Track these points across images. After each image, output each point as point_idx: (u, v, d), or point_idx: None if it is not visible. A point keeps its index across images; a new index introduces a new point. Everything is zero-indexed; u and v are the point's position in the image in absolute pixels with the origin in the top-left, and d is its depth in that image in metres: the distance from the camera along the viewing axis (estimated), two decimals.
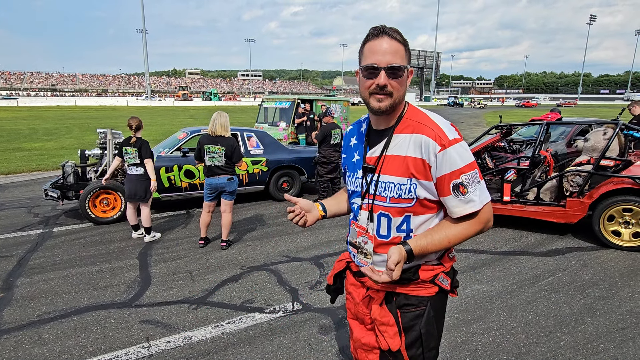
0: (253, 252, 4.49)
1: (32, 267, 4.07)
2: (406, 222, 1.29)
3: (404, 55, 1.24)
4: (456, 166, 1.20)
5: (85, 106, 45.41)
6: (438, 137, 1.21)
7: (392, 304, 1.35)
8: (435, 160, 1.21)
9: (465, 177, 1.21)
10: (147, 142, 4.73)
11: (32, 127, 20.24)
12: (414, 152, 1.23)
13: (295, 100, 11.25)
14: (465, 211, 1.23)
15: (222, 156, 4.38)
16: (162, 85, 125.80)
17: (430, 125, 1.24)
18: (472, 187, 1.22)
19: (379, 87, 1.22)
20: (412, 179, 1.24)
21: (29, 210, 6.26)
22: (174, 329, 2.92)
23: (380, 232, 1.33)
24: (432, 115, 1.28)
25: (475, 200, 1.23)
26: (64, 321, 3.04)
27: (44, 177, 8.96)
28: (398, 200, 1.27)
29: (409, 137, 1.25)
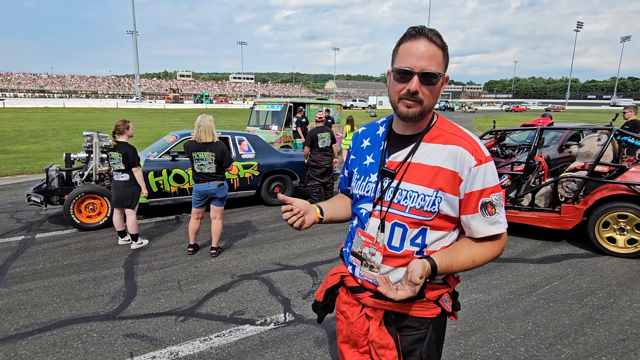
0: (244, 260, 4.36)
1: (11, 277, 3.88)
2: (422, 236, 1.20)
3: (441, 62, 1.15)
4: (488, 184, 1.16)
5: (74, 108, 44.71)
6: (475, 151, 1.16)
7: (392, 326, 1.24)
8: (468, 175, 1.15)
9: (495, 197, 1.17)
10: (133, 149, 4.55)
11: (18, 129, 19.80)
12: (447, 163, 1.16)
13: (288, 104, 11.15)
14: (490, 232, 1.18)
15: (212, 162, 4.24)
16: (152, 87, 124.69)
17: (466, 138, 1.19)
18: (499, 208, 1.18)
19: (410, 93, 1.14)
20: (438, 191, 1.16)
21: (12, 215, 6.05)
22: (159, 344, 2.78)
23: (392, 244, 1.22)
24: (464, 129, 1.23)
25: (502, 222, 1.20)
26: (42, 335, 2.88)
27: (29, 180, 8.71)
28: (419, 212, 1.18)
29: (443, 148, 1.18)
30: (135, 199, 4.63)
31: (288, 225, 1.34)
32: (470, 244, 1.21)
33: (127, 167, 4.53)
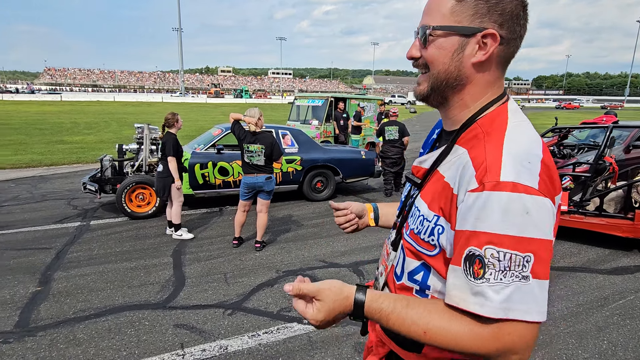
0: (288, 255, 4.31)
1: (69, 261, 4.05)
2: (423, 273, 0.84)
3: (446, 11, 0.77)
4: (485, 227, 0.67)
5: (123, 102, 47.10)
6: (484, 167, 0.71)
7: None
8: (464, 200, 0.72)
9: (494, 252, 0.67)
10: (172, 139, 4.57)
11: (74, 121, 21.06)
12: (450, 175, 0.79)
13: (329, 98, 11.03)
14: (464, 304, 0.69)
15: (262, 155, 4.22)
16: (195, 82, 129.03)
17: (490, 143, 0.74)
18: (499, 275, 0.66)
19: (412, 63, 0.86)
20: (439, 217, 0.78)
21: (69, 202, 6.37)
22: (209, 337, 2.77)
23: (396, 269, 0.92)
24: (513, 131, 0.76)
25: (491, 298, 0.66)
26: (98, 320, 2.96)
27: (84, 169, 9.18)
28: (416, 238, 0.84)
29: (461, 152, 0.80)
30: (167, 190, 4.65)
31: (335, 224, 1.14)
32: (442, 308, 0.74)
33: (164, 156, 4.59)
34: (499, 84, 0.83)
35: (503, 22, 0.76)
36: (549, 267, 0.69)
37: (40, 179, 8.09)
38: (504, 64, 0.82)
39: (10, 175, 8.26)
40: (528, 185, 0.68)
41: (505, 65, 0.82)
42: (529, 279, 0.66)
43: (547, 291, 0.68)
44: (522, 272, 0.66)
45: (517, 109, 0.82)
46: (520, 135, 0.75)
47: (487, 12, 0.76)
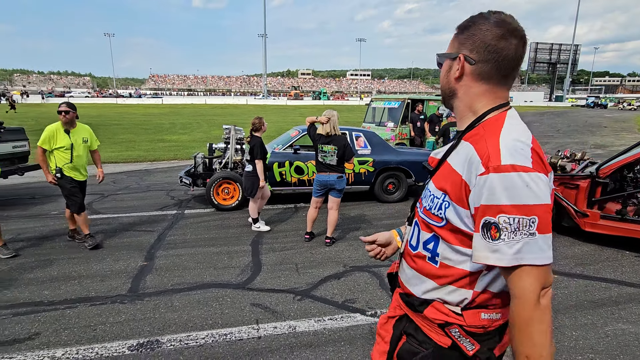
0: (356, 252, 4.51)
1: (168, 243, 4.73)
2: (433, 243, 1.09)
3: (453, 44, 1.08)
4: (495, 201, 0.90)
5: (212, 104, 51.41)
6: (487, 155, 0.94)
7: (400, 326, 1.20)
8: (475, 185, 0.94)
9: (505, 219, 0.89)
10: (259, 143, 5.01)
11: (172, 122, 23.66)
12: (459, 167, 1.01)
13: (405, 100, 10.95)
14: (488, 259, 0.93)
15: (335, 155, 4.48)
16: (277, 85, 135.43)
17: (490, 138, 0.97)
18: (511, 235, 0.89)
19: None
20: (445, 195, 1.03)
21: (167, 193, 7.31)
22: (280, 317, 3.09)
23: (411, 241, 1.19)
24: (508, 128, 0.99)
25: (505, 253, 0.90)
26: (190, 293, 3.47)
27: (180, 165, 10.38)
28: (428, 214, 1.09)
29: (467, 146, 1.03)
30: (255, 189, 5.12)
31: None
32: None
33: (252, 158, 5.06)
34: (494, 95, 1.06)
35: (473, 49, 1.03)
36: (550, 222, 0.91)
37: (145, 172, 9.37)
38: (487, 79, 1.05)
39: (123, 169, 9.70)
40: (524, 165, 0.90)
41: (490, 80, 1.04)
42: (536, 235, 0.89)
43: (550, 240, 0.91)
44: (530, 230, 0.89)
45: (515, 115, 1.05)
46: (512, 131, 0.99)
47: (463, 43, 1.05)
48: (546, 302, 0.91)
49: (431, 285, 1.10)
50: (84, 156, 4.52)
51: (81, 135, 4.48)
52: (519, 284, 0.90)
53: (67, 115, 4.29)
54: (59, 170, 4.32)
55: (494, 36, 0.99)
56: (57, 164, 4.32)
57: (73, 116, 4.35)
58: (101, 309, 3.19)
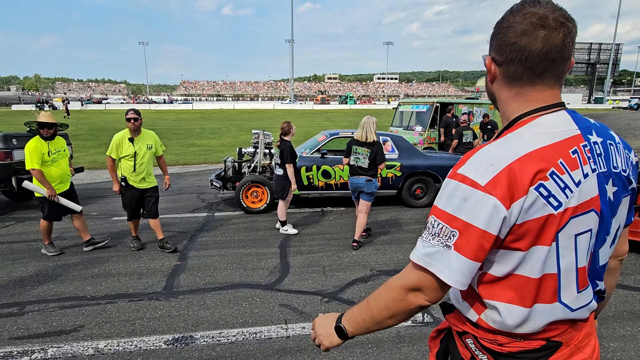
0: (383, 256, 4.51)
1: (199, 244, 4.90)
2: None
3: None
4: (436, 202, 0.91)
5: (241, 109, 52.52)
6: (458, 163, 0.92)
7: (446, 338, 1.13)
8: None
9: (432, 220, 0.89)
10: (289, 147, 5.13)
11: (202, 127, 24.37)
12: None
13: (434, 104, 10.83)
14: (411, 255, 0.93)
15: (367, 158, 4.58)
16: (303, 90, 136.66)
17: (475, 150, 0.92)
18: (429, 236, 0.88)
19: None
20: None
21: (198, 196, 7.56)
22: (308, 317, 3.15)
23: None
24: (508, 138, 0.90)
25: (417, 249, 0.90)
26: (221, 292, 3.59)
27: (210, 169, 10.70)
28: None
29: None
30: (286, 192, 5.26)
31: None
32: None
33: (282, 162, 5.17)
34: (524, 99, 0.93)
35: (497, 49, 0.94)
36: (477, 249, 0.84)
37: (177, 175, 9.71)
38: (515, 81, 0.93)
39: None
40: (475, 180, 0.84)
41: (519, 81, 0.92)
42: (451, 249, 0.85)
43: (467, 265, 0.85)
44: (447, 242, 0.86)
45: (543, 123, 0.90)
46: (508, 141, 0.88)
47: (492, 43, 0.96)
48: (412, 300, 0.91)
49: (455, 293, 1.05)
50: (147, 163, 4.52)
51: (145, 142, 4.48)
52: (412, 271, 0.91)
53: (136, 122, 4.34)
54: (124, 179, 4.41)
55: (515, 33, 0.88)
56: (123, 172, 4.40)
57: (141, 123, 4.41)
58: (139, 304, 3.36)
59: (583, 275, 0.92)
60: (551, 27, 0.86)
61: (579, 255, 0.89)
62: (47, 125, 4.31)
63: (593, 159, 0.90)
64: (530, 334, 0.92)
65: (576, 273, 0.90)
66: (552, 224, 0.84)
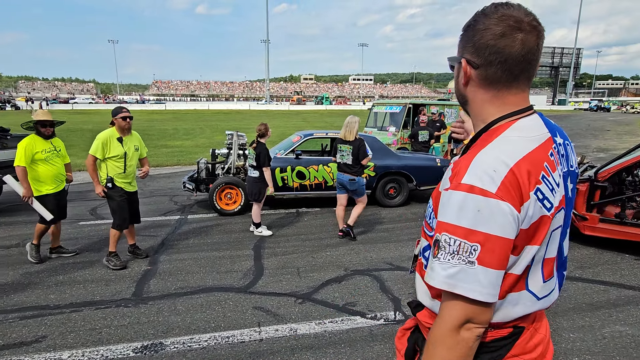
0: (357, 256, 4.55)
1: (171, 247, 4.79)
2: (429, 251, 1.03)
3: (459, 46, 0.98)
4: (445, 218, 0.86)
5: (215, 109, 51.70)
6: (458, 172, 0.88)
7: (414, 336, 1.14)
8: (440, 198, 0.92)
9: (446, 238, 0.85)
10: (266, 150, 5.10)
11: (175, 128, 23.84)
12: (446, 176, 0.97)
13: (407, 105, 11.02)
14: (425, 276, 0.92)
15: (350, 154, 4.84)
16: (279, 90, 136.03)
17: (472, 153, 0.90)
18: (447, 256, 0.84)
19: None
20: (432, 205, 1.03)
21: (170, 198, 7.39)
22: (281, 319, 3.14)
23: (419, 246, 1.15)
24: (496, 142, 0.90)
25: (438, 273, 0.85)
26: (193, 297, 3.52)
27: (183, 170, 10.47)
28: (425, 223, 1.07)
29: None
30: (262, 194, 5.24)
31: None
32: None
33: (258, 165, 5.14)
34: (502, 102, 0.94)
35: (474, 51, 0.93)
36: (500, 259, 0.82)
37: (148, 177, 9.41)
38: (493, 84, 0.93)
39: None
40: (484, 188, 0.82)
41: (497, 84, 0.93)
42: (475, 265, 0.81)
43: (495, 277, 0.82)
44: (469, 258, 0.81)
45: (522, 127, 0.92)
46: (498, 148, 0.88)
47: (465, 45, 0.95)
48: (468, 336, 0.85)
49: (425, 291, 1.05)
50: (135, 165, 4.34)
51: (133, 143, 4.27)
52: (446, 307, 0.86)
53: (131, 121, 4.16)
54: (110, 180, 4.08)
55: (494, 35, 0.88)
56: (109, 173, 4.09)
57: (131, 123, 4.21)
58: (106, 312, 3.25)
59: (550, 265, 0.97)
60: (527, 30, 0.88)
61: (549, 248, 0.94)
62: (48, 123, 4.16)
63: (560, 160, 0.95)
64: (502, 322, 0.95)
65: (542, 263, 0.94)
66: (546, 224, 0.88)
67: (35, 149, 4.08)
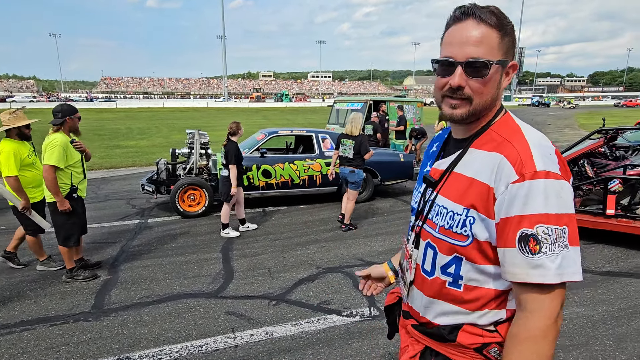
0: (328, 254, 4.53)
1: (132, 254, 4.53)
2: (455, 265, 0.97)
3: (495, 45, 0.90)
4: (533, 209, 0.83)
5: (171, 108, 49.74)
6: (520, 161, 0.86)
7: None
8: (504, 193, 0.86)
9: (544, 229, 0.82)
10: (234, 148, 4.97)
11: (128, 127, 22.66)
12: (483, 174, 0.91)
13: (368, 102, 11.17)
14: (529, 278, 0.83)
15: (351, 148, 5.19)
16: (237, 88, 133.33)
17: (517, 144, 0.89)
18: (552, 247, 0.82)
19: (452, 90, 0.94)
20: (469, 209, 0.92)
21: (128, 202, 6.99)
22: (256, 323, 3.05)
23: (424, 266, 1.04)
24: (528, 132, 0.93)
25: (549, 268, 0.82)
26: (160, 305, 3.34)
27: (139, 172, 9.96)
28: (448, 233, 0.96)
29: (486, 156, 0.93)
30: (230, 195, 5.07)
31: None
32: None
33: (227, 162, 4.99)
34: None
35: (513, 54, 0.97)
36: (577, 235, 0.85)
37: (102, 180, 8.91)
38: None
39: None
40: (555, 172, 0.85)
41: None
42: (568, 247, 0.83)
43: (579, 254, 0.85)
44: (564, 242, 0.83)
45: (516, 117, 1.01)
46: (534, 134, 0.93)
47: (511, 48, 0.95)
48: (559, 322, 0.86)
49: (456, 310, 0.98)
50: None
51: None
52: (547, 300, 0.84)
53: (79, 120, 3.76)
54: (74, 190, 3.65)
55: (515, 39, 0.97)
56: (73, 182, 3.66)
57: None
58: (63, 328, 3.00)
59: None
60: None
61: None
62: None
63: None
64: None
65: None
66: None
67: (23, 154, 3.74)
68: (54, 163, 3.46)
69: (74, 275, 3.79)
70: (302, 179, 6.51)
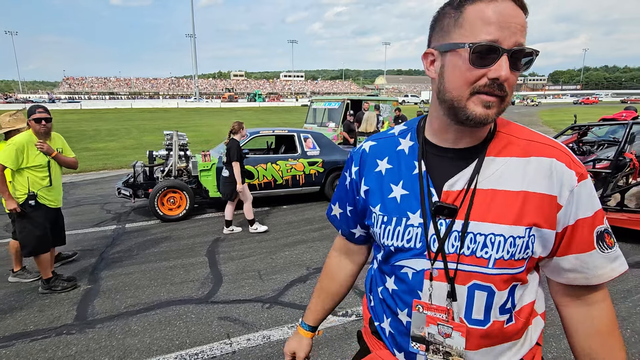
0: (316, 254, 4.51)
1: (112, 261, 4.33)
2: (511, 297, 0.83)
3: (525, 31, 0.76)
4: (597, 205, 0.82)
5: (140, 108, 48.13)
6: (570, 161, 0.80)
7: None
8: (570, 198, 0.79)
9: (606, 224, 0.84)
10: (236, 145, 4.94)
11: (96, 129, 21.75)
12: (537, 184, 0.79)
13: (345, 101, 11.22)
14: (615, 272, 0.82)
15: None
16: (208, 88, 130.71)
17: (553, 145, 0.83)
18: (612, 239, 0.84)
19: (497, 84, 0.74)
20: (532, 228, 0.79)
21: (102, 206, 6.70)
22: (252, 327, 2.99)
23: (473, 316, 0.82)
24: (537, 131, 0.89)
25: (620, 260, 0.83)
26: (148, 314, 3.21)
27: (111, 175, 9.59)
28: (509, 264, 0.80)
29: (524, 163, 0.80)
30: (235, 194, 5.13)
31: None
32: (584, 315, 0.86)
33: (228, 161, 4.97)
34: None
35: None
36: None
37: (71, 185, 8.50)
38: None
39: None
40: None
41: None
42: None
43: None
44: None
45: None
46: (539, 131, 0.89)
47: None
48: None
49: (514, 347, 0.87)
50: (60, 174, 3.72)
51: (55, 146, 3.63)
52: (607, 293, 0.86)
53: (48, 123, 3.46)
54: (33, 196, 3.41)
55: None
56: (31, 187, 3.42)
57: (51, 125, 3.54)
58: (45, 343, 2.83)
59: None
60: None
61: None
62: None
63: None
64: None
65: None
66: None
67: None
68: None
69: (52, 286, 3.58)
70: (285, 179, 6.45)
